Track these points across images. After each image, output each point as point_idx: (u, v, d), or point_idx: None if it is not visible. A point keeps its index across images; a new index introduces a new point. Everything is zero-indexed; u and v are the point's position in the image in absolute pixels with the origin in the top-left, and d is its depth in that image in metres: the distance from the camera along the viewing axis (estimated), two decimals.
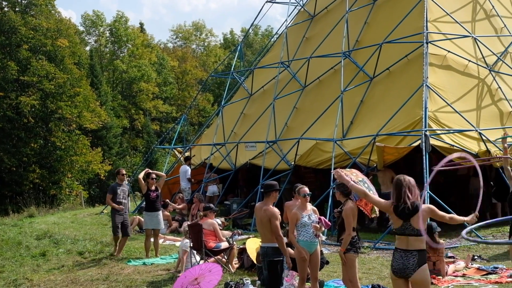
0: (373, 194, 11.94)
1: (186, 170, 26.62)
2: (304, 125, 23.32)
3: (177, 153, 30.83)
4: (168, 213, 23.18)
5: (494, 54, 22.02)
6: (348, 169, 13.48)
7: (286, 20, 29.73)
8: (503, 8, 23.79)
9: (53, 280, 15.86)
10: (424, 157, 18.32)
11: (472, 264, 14.93)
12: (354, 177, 11.71)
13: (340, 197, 11.54)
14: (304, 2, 29.67)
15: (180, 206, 24.46)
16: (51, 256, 18.87)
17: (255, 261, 14.88)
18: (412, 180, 8.73)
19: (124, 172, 19.04)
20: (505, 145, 14.84)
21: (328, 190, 20.29)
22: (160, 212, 18.46)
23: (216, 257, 15.82)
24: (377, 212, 12.43)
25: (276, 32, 33.95)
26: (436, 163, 19.93)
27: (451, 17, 22.41)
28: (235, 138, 26.86)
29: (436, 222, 14.86)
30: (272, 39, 35.75)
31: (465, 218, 9.13)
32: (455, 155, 8.99)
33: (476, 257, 15.61)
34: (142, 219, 20.15)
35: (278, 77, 26.19)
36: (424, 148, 18.42)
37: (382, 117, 20.63)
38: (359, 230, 11.63)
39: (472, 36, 22.24)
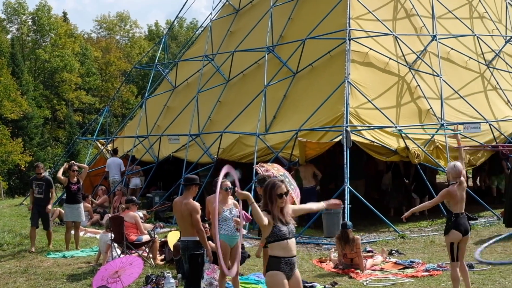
0: (295, 188, 12.10)
1: (120, 162, 26.32)
2: (228, 119, 23.36)
3: (99, 144, 30.48)
4: (89, 205, 22.94)
5: (414, 52, 22.45)
6: (270, 164, 13.61)
7: (211, 13, 29.72)
8: (423, 8, 24.24)
9: None
10: (345, 152, 18.60)
11: (389, 259, 15.25)
12: (275, 171, 11.83)
13: (260, 191, 11.59)
14: None
15: (99, 201, 24.23)
16: None
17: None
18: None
19: (40, 166, 18.73)
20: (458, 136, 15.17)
21: (250, 184, 20.39)
22: (81, 205, 18.28)
23: (137, 250, 15.77)
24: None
25: (201, 25, 33.94)
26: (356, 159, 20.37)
27: (373, 15, 22.76)
28: (158, 131, 26.71)
29: (352, 222, 15.19)
30: (197, 32, 35.67)
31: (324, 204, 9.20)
32: None
33: (393, 251, 15.94)
34: (63, 211, 19.88)
35: (202, 70, 26.15)
36: (345, 144, 18.70)
37: (305, 112, 20.82)
38: None
39: (393, 35, 22.63)
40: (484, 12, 26.22)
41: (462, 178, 11.18)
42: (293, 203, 11.90)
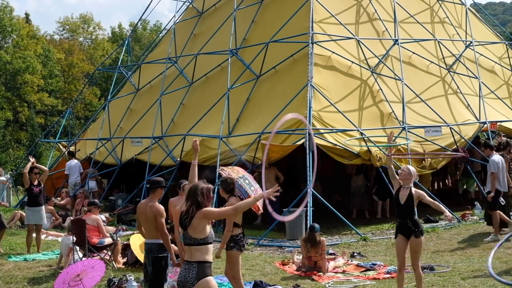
0: (255, 190, 12.12)
1: (80, 165, 26.16)
2: (191, 122, 23.32)
3: (61, 147, 30.28)
4: (52, 207, 22.77)
5: (376, 56, 22.64)
6: (231, 167, 13.64)
7: (174, 16, 29.71)
8: (385, 12, 24.46)
9: None
10: (308, 155, 18.69)
11: (351, 261, 15.36)
12: (235, 174, 11.85)
13: (223, 193, 11.61)
14: None
15: (62, 202, 24.06)
16: None
17: (139, 257, 14.85)
18: (208, 190, 8.23)
19: None
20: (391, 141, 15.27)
21: (213, 187, 20.37)
22: (43, 207, 18.12)
23: (99, 253, 15.70)
24: (261, 209, 12.55)
25: (164, 28, 33.83)
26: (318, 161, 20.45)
27: (336, 19, 22.90)
28: (121, 133, 26.59)
29: (318, 222, 15.28)
30: (160, 35, 35.59)
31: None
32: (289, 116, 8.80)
33: (355, 254, 16.06)
34: (24, 214, 19.70)
35: (165, 73, 26.09)
36: (307, 147, 18.79)
37: (268, 115, 20.88)
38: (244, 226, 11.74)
39: (356, 38, 22.80)
40: (445, 17, 26.55)
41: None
42: (257, 206, 11.95)
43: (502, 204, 17.25)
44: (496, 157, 17.45)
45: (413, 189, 11.29)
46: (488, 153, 17.93)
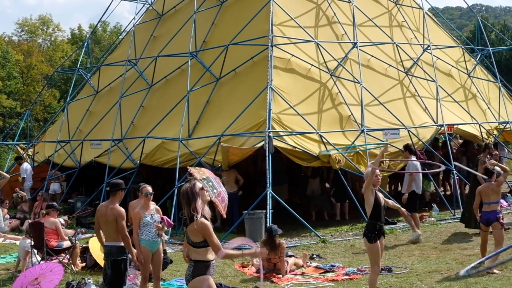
0: (218, 192, 12.15)
1: (30, 168, 25.95)
2: (151, 124, 23.25)
3: (20, 149, 30.01)
4: (6, 210, 22.55)
5: (335, 59, 22.77)
6: (197, 168, 13.67)
7: (134, 18, 29.56)
8: (344, 16, 24.61)
9: None
10: (267, 158, 18.78)
11: (310, 263, 15.46)
12: (199, 175, 11.87)
13: None
14: (152, 1, 29.53)
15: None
16: None
17: (98, 260, 14.80)
18: (191, 188, 8.43)
19: None
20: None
21: (173, 189, 20.40)
22: (0, 211, 17.98)
23: (58, 257, 15.60)
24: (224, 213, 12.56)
25: (124, 30, 33.71)
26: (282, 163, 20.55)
27: (295, 22, 23.00)
28: (81, 136, 26.44)
29: (277, 224, 15.36)
30: (120, 37, 35.42)
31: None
32: None
33: (314, 256, 16.16)
34: None
35: (125, 75, 25.98)
36: (267, 149, 18.88)
37: (228, 117, 20.92)
38: None
39: (315, 41, 22.93)
40: (403, 21, 26.82)
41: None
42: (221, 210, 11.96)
43: None
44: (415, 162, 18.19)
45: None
46: (407, 155, 18.47)
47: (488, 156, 18.61)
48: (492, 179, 14.86)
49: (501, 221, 14.52)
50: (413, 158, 18.61)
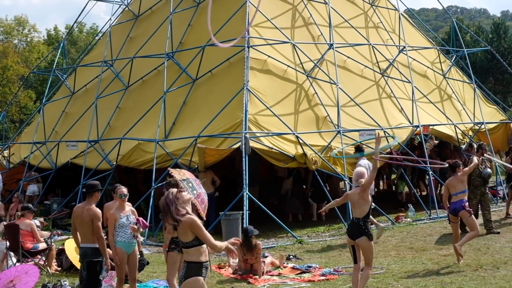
0: (198, 194, 12.15)
1: None
2: (127, 125, 23.19)
3: None
4: None
5: (311, 60, 22.83)
6: (178, 169, 13.68)
7: (110, 18, 29.45)
8: (320, 17, 24.68)
9: None
10: (244, 159, 18.79)
11: (287, 264, 15.48)
12: (180, 176, 11.87)
13: None
14: (128, 2, 29.43)
15: None
16: None
17: (74, 262, 14.75)
18: (165, 198, 8.40)
19: None
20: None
21: (150, 190, 20.37)
22: None
23: (33, 259, 15.52)
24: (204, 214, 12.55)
25: (100, 31, 33.57)
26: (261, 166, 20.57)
27: (272, 23, 23.02)
28: (57, 137, 26.31)
29: (254, 225, 15.38)
30: (96, 37, 35.27)
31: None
32: None
33: (291, 256, 16.19)
34: None
35: (101, 76, 25.87)
36: (244, 150, 18.88)
37: (204, 118, 20.91)
38: None
39: (291, 43, 22.97)
40: (378, 22, 26.95)
41: (361, 180, 11.61)
42: (197, 210, 11.98)
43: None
44: (363, 161, 18.54)
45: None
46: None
47: (482, 157, 18.71)
48: (457, 171, 15.15)
49: (468, 209, 14.86)
50: (363, 159, 18.88)
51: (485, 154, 19.31)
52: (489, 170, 18.43)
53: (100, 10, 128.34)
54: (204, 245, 8.23)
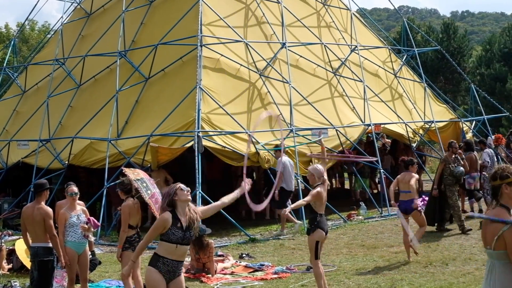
0: (152, 194, 12.14)
1: None
2: (79, 124, 22.99)
3: None
4: None
5: (264, 59, 22.90)
6: (132, 169, 13.64)
7: (62, 16, 29.17)
8: (273, 16, 24.76)
9: None
10: (196, 157, 18.80)
11: (240, 262, 15.54)
12: (134, 175, 11.85)
13: (122, 195, 11.68)
14: (80, 0, 29.19)
15: None
16: None
17: (25, 263, 14.61)
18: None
19: None
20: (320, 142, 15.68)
21: (102, 189, 20.26)
22: None
23: None
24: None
25: (52, 28, 33.24)
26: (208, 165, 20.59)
27: (225, 22, 23.03)
28: (7, 136, 26.01)
29: (207, 224, 15.38)
30: (48, 36, 34.92)
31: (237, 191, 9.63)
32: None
33: (244, 255, 16.25)
34: None
35: (52, 75, 25.62)
36: (197, 149, 18.90)
37: (157, 117, 20.86)
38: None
39: (244, 41, 23.02)
40: (331, 21, 27.15)
41: (325, 178, 11.82)
42: (152, 210, 11.97)
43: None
44: (285, 158, 18.88)
45: (316, 189, 11.67)
46: (278, 155, 18.81)
47: (453, 155, 18.80)
48: (410, 169, 15.38)
49: (419, 208, 15.16)
50: (284, 156, 19.18)
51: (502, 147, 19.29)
52: (461, 168, 18.46)
53: (52, 7, 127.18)
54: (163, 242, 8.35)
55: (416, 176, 15.67)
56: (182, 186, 8.50)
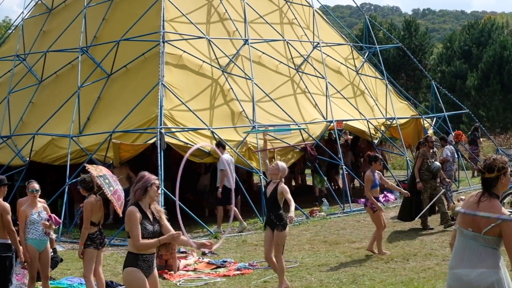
0: (114, 190, 12.09)
1: None
2: (40, 120, 22.80)
3: None
4: None
5: (226, 56, 22.91)
6: (95, 165, 13.57)
7: (22, 12, 28.86)
8: (236, 12, 24.77)
9: None
10: (159, 154, 18.78)
11: (202, 259, 15.56)
12: (97, 172, 11.80)
13: (84, 192, 11.64)
14: None
15: None
16: None
17: None
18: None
19: None
20: (266, 137, 15.71)
21: (64, 186, 20.13)
22: None
23: None
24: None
25: (13, 24, 32.89)
26: (174, 160, 20.58)
27: (187, 18, 22.99)
28: None
29: (170, 221, 15.34)
30: (9, 31, 34.54)
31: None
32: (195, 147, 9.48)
33: (206, 252, 16.25)
34: None
35: (13, 71, 25.37)
36: (159, 146, 18.86)
37: (119, 114, 20.77)
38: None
39: (207, 38, 23.00)
40: (293, 18, 27.21)
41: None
42: (114, 207, 11.92)
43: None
44: (226, 156, 18.96)
45: (280, 185, 11.83)
46: (221, 151, 18.94)
47: (431, 150, 18.84)
48: (373, 165, 15.52)
49: (371, 205, 15.20)
50: (226, 154, 19.32)
51: None
52: (437, 163, 18.53)
53: (13, 2, 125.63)
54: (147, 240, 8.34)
55: (378, 172, 15.76)
56: (158, 184, 8.52)
